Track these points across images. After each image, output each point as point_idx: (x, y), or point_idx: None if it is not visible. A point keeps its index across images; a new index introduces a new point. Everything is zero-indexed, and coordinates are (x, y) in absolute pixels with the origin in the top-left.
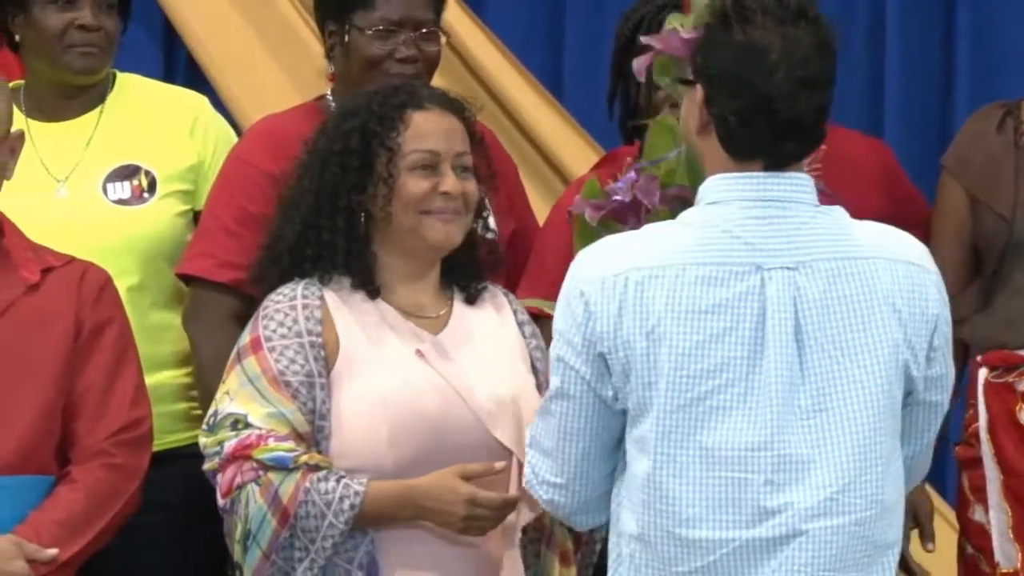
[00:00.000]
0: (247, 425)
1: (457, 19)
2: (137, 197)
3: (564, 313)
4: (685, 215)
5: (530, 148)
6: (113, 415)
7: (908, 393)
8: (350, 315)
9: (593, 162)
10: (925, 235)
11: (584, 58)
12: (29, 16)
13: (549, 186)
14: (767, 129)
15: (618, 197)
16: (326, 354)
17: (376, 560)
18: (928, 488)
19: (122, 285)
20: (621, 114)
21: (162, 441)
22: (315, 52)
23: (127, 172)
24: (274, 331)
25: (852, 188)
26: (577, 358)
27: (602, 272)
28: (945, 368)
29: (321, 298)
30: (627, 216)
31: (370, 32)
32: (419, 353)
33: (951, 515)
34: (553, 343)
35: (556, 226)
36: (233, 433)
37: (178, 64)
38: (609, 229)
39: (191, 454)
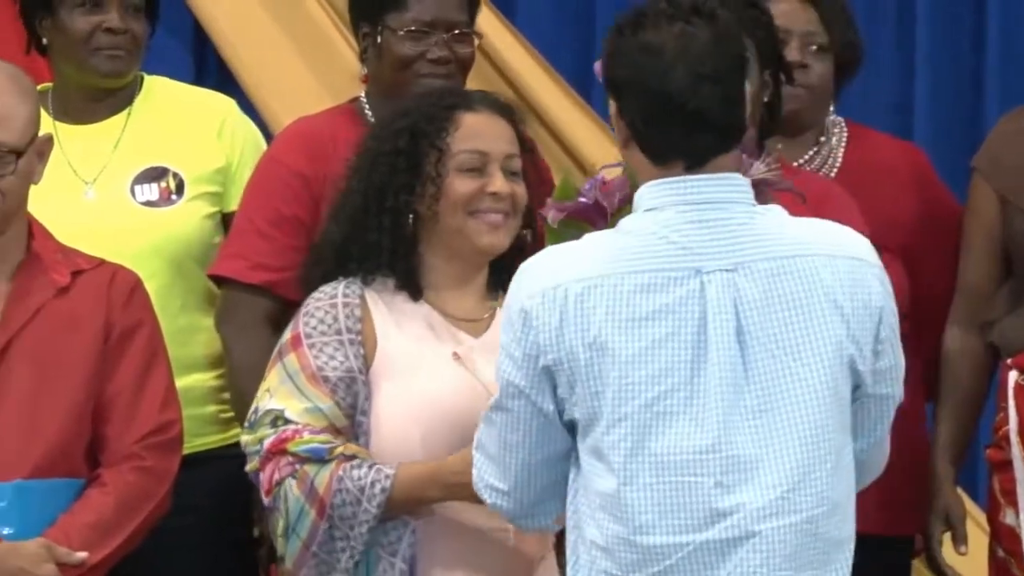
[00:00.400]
0: (285, 421)
1: (487, 21)
2: (165, 199)
3: (505, 327)
4: (623, 223)
5: (559, 150)
6: (143, 418)
7: (857, 387)
8: (390, 315)
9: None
10: (957, 235)
11: None
12: (56, 19)
13: None
14: (675, 127)
15: (583, 199)
16: (365, 352)
17: (415, 554)
18: (960, 491)
19: (151, 287)
20: None
21: (193, 444)
22: (344, 54)
23: (155, 174)
24: (314, 328)
25: (883, 190)
26: (517, 372)
27: (542, 285)
28: (894, 359)
29: (361, 297)
30: (595, 218)
31: (402, 33)
32: (456, 356)
33: (982, 518)
34: (498, 356)
35: None
36: (272, 430)
37: (208, 67)
38: (581, 230)
39: (222, 456)
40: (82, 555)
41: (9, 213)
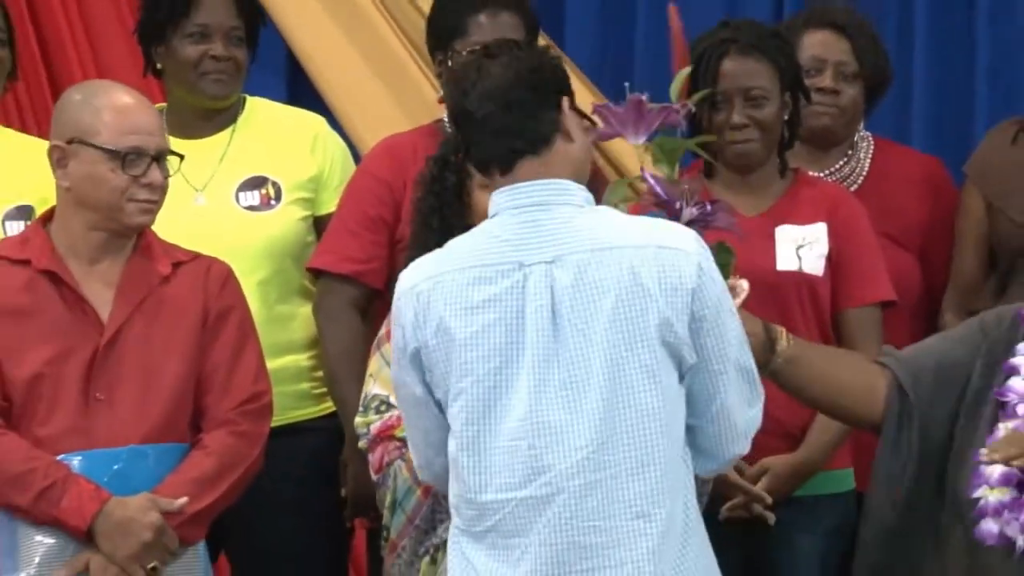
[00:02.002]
0: (389, 406)
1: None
2: (265, 204)
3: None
4: (478, 227)
5: (603, 161)
6: (237, 389)
7: (681, 362)
8: None
9: None
10: None
11: (652, 82)
12: (170, 48)
13: None
14: (479, 137)
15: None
16: None
17: None
18: None
19: (252, 280)
20: (690, 134)
21: (287, 416)
22: (416, 80)
23: (256, 182)
24: None
25: (903, 197)
26: (396, 363)
27: (407, 284)
28: (719, 340)
29: None
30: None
31: (465, 54)
32: None
33: None
34: None
35: None
36: (377, 416)
37: (301, 90)
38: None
39: (313, 428)
40: (182, 501)
41: (159, 209)
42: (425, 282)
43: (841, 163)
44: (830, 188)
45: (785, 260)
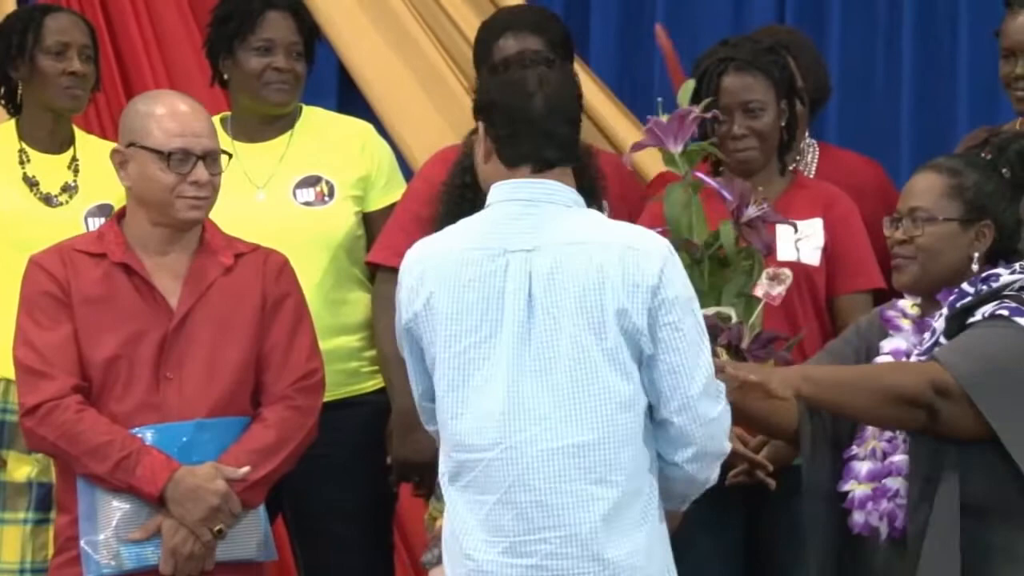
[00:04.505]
0: None
1: None
2: (320, 200)
3: None
4: (477, 214)
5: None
6: (293, 367)
7: (641, 351)
8: None
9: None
10: None
11: (670, 95)
12: (235, 60)
13: None
14: (528, 137)
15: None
16: None
17: None
18: None
19: (308, 269)
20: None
21: (339, 392)
22: (458, 93)
23: (312, 181)
24: None
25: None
26: (397, 328)
27: (408, 259)
28: (677, 335)
29: None
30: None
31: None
32: None
33: None
34: None
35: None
36: None
37: (352, 100)
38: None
39: (363, 402)
40: (244, 469)
41: (213, 206)
42: (422, 259)
43: (791, 167)
44: (825, 187)
45: (784, 252)
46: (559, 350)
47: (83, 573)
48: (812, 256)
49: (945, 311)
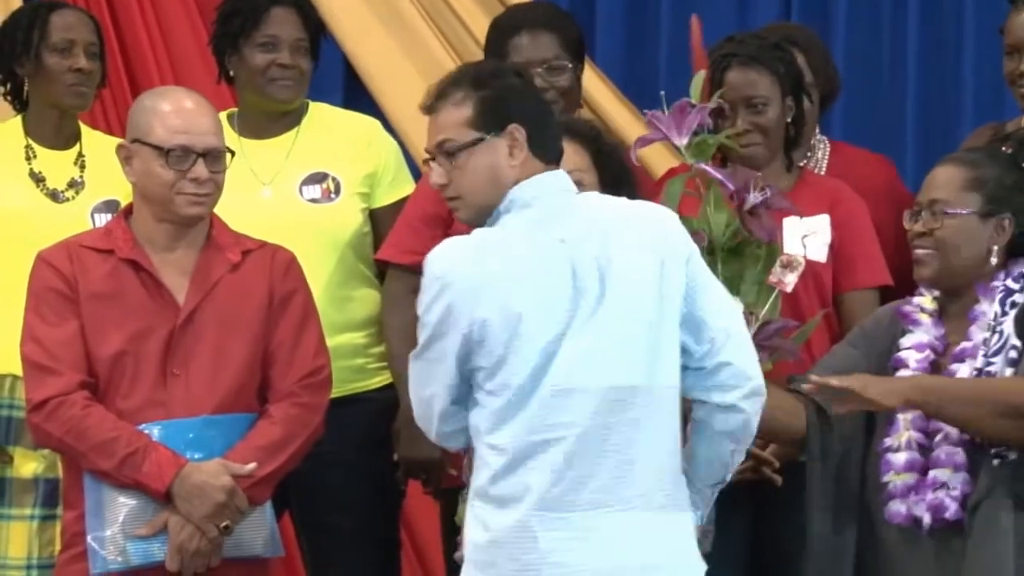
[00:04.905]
0: None
1: None
2: (326, 197)
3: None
4: (523, 210)
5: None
6: (300, 364)
7: (684, 311)
8: None
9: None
10: None
11: (674, 90)
12: (241, 56)
13: None
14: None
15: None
16: None
17: None
18: None
19: (314, 266)
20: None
21: (345, 388)
22: None
23: (318, 178)
24: None
25: (858, 193)
26: (438, 327)
27: (463, 265)
28: (708, 280)
29: None
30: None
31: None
32: None
33: None
34: None
35: None
36: None
37: (357, 96)
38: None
39: (369, 399)
40: (251, 466)
41: (216, 203)
42: (481, 261)
43: (802, 164)
44: (832, 183)
45: (791, 248)
46: (625, 310)
47: (90, 569)
48: (819, 253)
49: (997, 308)
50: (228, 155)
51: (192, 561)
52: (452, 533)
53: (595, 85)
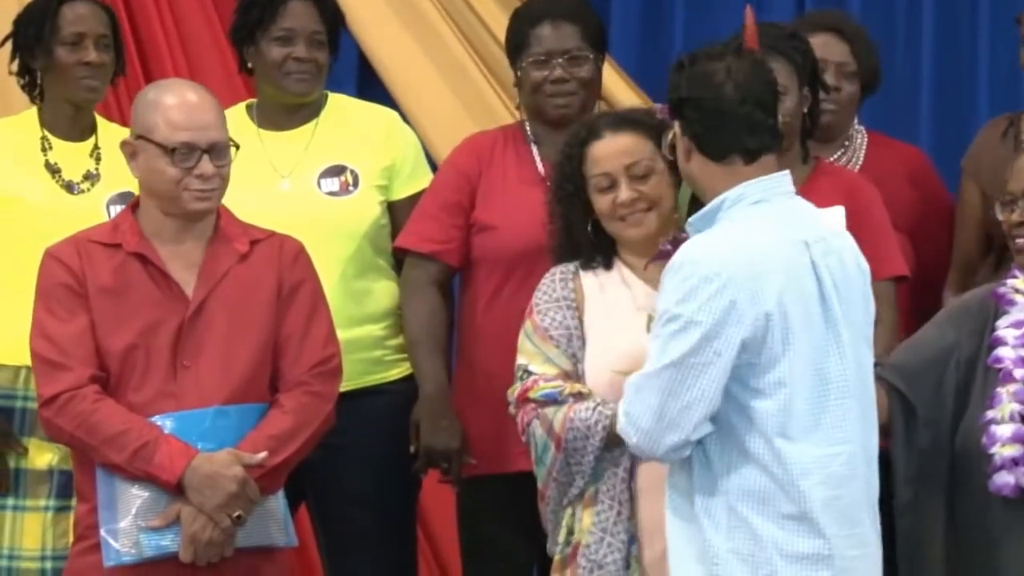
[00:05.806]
0: (528, 373)
1: None
2: (344, 190)
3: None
4: (755, 211)
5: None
6: (309, 353)
7: None
8: (595, 280)
9: None
10: (950, 224)
11: None
12: (258, 49)
13: None
14: (729, 128)
15: None
16: (579, 312)
17: (634, 462)
18: None
19: (332, 258)
20: None
21: (363, 380)
22: (478, 83)
23: (336, 170)
24: (540, 298)
25: (893, 184)
26: (715, 328)
27: (731, 262)
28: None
29: (575, 272)
30: None
31: (527, 64)
32: (649, 318)
33: None
34: None
35: None
36: (519, 383)
37: (372, 89)
38: None
39: (387, 390)
40: (262, 455)
41: (222, 196)
42: (751, 259)
43: (839, 154)
44: (847, 174)
45: None
46: (857, 360)
47: (103, 561)
48: None
49: None
50: (244, 146)
51: (205, 551)
52: (468, 523)
53: (610, 76)
